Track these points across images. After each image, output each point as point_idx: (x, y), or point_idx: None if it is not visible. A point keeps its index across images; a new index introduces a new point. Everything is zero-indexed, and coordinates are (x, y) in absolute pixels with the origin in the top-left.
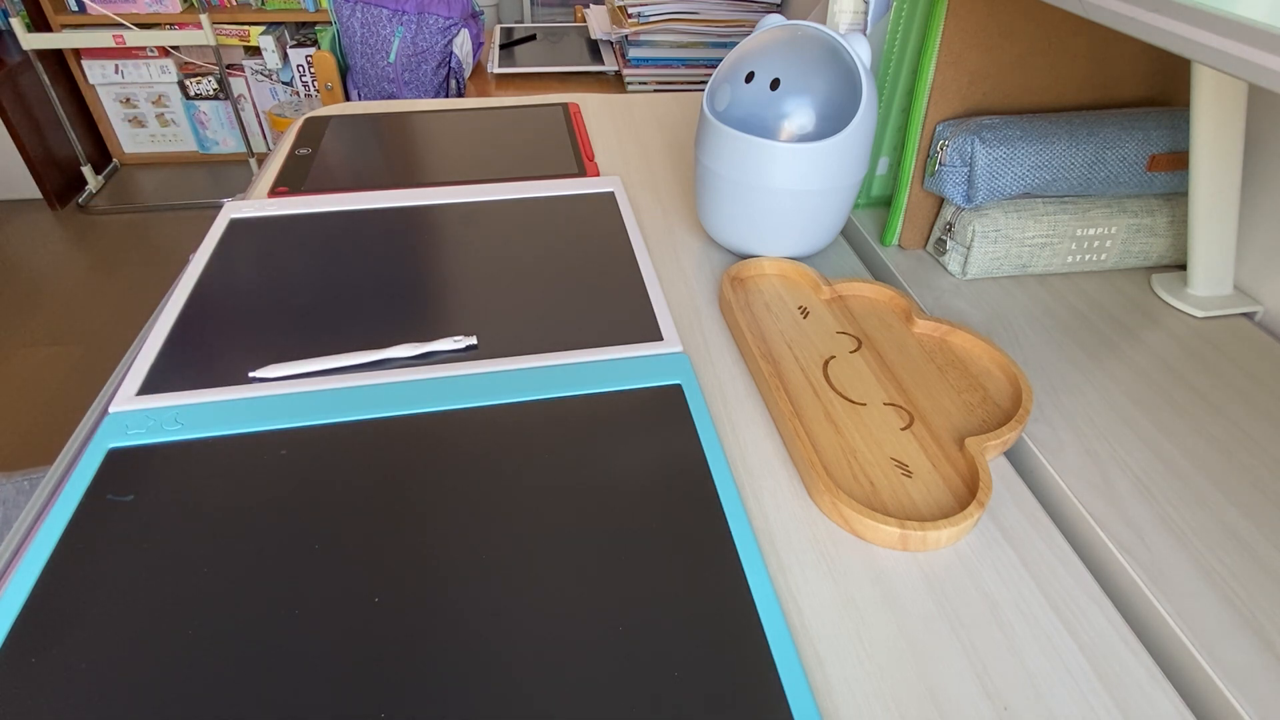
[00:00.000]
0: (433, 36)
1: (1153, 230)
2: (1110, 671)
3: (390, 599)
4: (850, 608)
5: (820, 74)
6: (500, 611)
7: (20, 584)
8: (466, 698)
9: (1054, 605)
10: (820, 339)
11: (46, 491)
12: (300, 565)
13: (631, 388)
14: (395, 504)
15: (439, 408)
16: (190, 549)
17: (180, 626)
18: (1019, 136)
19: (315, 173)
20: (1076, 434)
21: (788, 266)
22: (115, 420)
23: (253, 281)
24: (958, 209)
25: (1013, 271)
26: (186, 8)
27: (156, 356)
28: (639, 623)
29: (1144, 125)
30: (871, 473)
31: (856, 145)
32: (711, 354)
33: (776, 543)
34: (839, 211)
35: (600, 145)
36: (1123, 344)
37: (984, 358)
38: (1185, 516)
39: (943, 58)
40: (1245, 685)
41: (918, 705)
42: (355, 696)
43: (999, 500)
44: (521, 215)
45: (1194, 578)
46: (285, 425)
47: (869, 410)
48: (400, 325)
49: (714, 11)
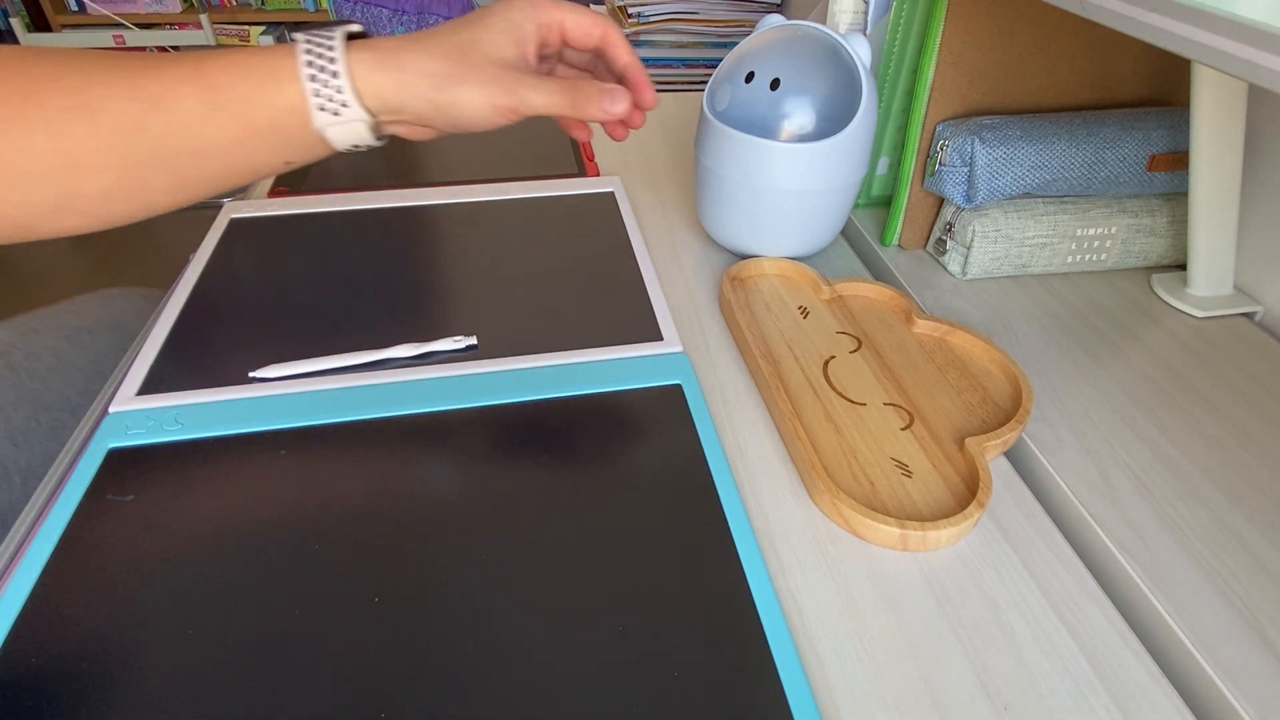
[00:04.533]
0: None
1: (1153, 230)
2: (1110, 671)
3: (390, 599)
4: (850, 608)
5: (820, 74)
6: (500, 611)
7: (20, 584)
8: (466, 697)
9: (1054, 605)
10: (820, 339)
11: (46, 491)
12: (300, 565)
13: (631, 388)
14: (395, 504)
15: (439, 408)
16: (190, 549)
17: (180, 626)
18: (1019, 136)
19: (315, 173)
20: (1076, 434)
21: (788, 266)
22: (115, 420)
23: (253, 281)
24: (958, 209)
25: (1013, 271)
26: (186, 8)
27: (157, 356)
28: (639, 622)
29: (1144, 125)
30: (871, 473)
31: (856, 145)
32: (711, 354)
33: (776, 543)
34: (839, 211)
35: (600, 145)
36: (1123, 344)
37: (984, 358)
38: (1185, 516)
39: (943, 58)
40: (1245, 685)
41: (918, 705)
42: (355, 696)
43: (999, 500)
44: (521, 215)
45: (1194, 578)
46: (285, 425)
47: (869, 410)
48: (400, 325)
49: (714, 11)
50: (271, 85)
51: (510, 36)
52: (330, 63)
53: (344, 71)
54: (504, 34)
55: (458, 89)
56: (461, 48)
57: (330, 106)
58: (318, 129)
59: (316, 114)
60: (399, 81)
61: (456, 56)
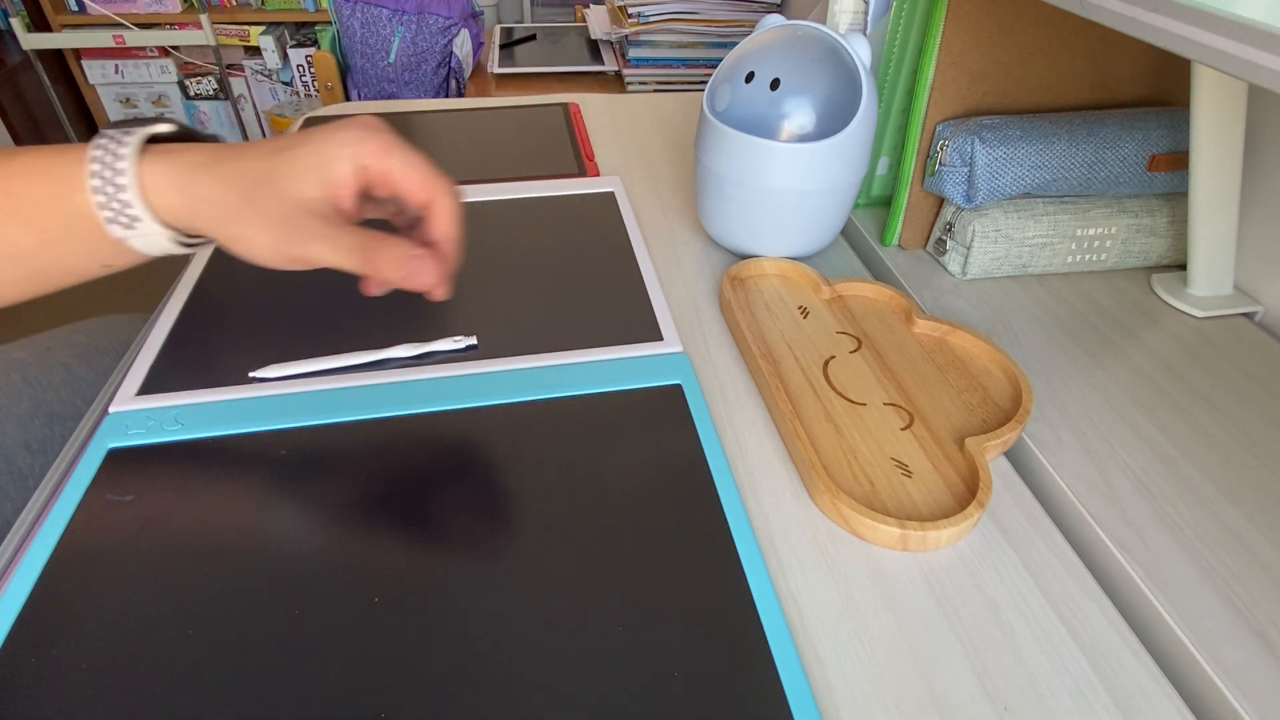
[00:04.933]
0: (433, 36)
1: (1153, 230)
2: (1110, 671)
3: (390, 599)
4: (850, 608)
5: (820, 74)
6: (500, 611)
7: (20, 584)
8: (466, 698)
9: (1054, 605)
10: (820, 339)
11: (46, 491)
12: (300, 565)
13: (631, 388)
14: (395, 504)
15: (439, 408)
16: (190, 549)
17: (180, 626)
18: (1019, 136)
19: None
20: (1076, 434)
21: (788, 266)
22: (115, 420)
23: (253, 281)
24: (958, 209)
25: (1013, 271)
26: (186, 8)
27: (156, 356)
28: (639, 622)
29: (1144, 125)
30: (871, 473)
31: (856, 145)
32: (711, 354)
33: (776, 543)
34: (839, 211)
35: (600, 145)
36: (1123, 344)
37: (984, 358)
38: (1185, 516)
39: (943, 58)
40: (1245, 685)
41: (918, 705)
42: (355, 696)
43: (999, 500)
44: (521, 215)
45: (1194, 578)
46: (285, 425)
47: (869, 410)
48: (400, 325)
49: (714, 11)
50: (62, 191)
51: (317, 175)
52: (117, 174)
53: (131, 185)
54: (312, 171)
55: (240, 228)
56: (256, 180)
57: (120, 220)
58: (118, 239)
59: (108, 225)
60: (187, 205)
61: (247, 190)
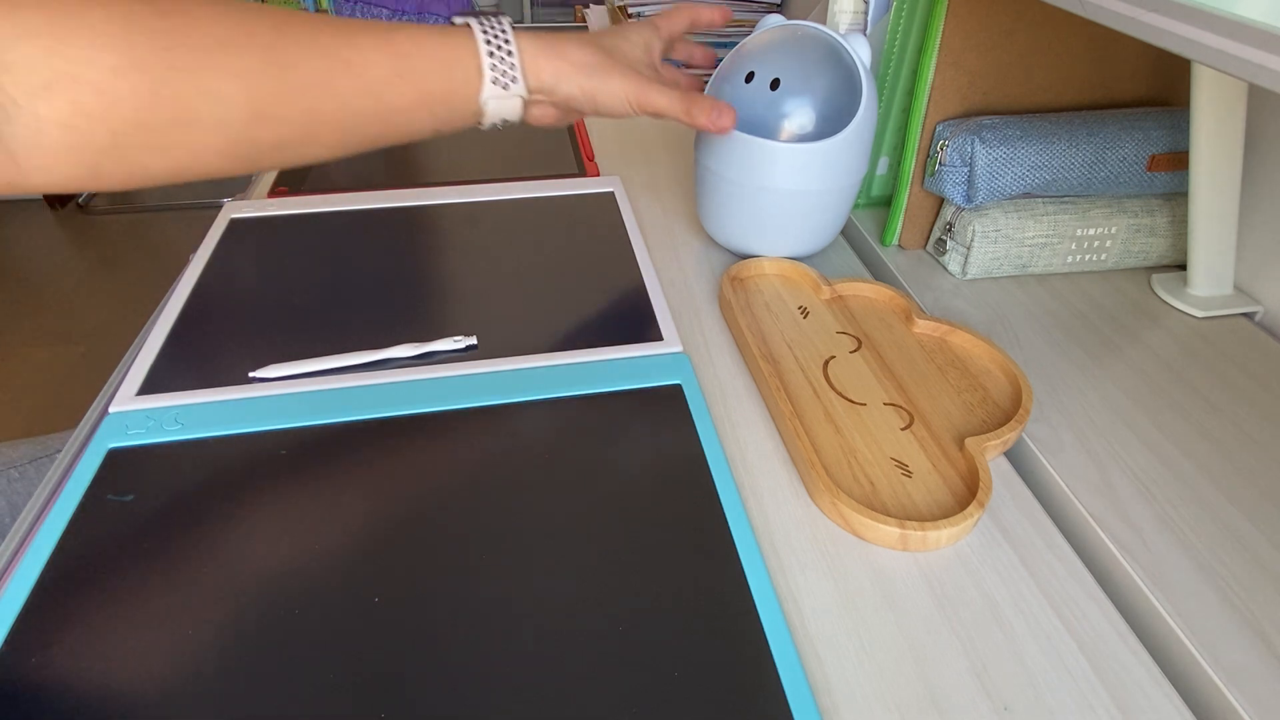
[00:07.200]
0: None
1: (1153, 230)
2: (1110, 671)
3: (390, 599)
4: (850, 608)
5: (820, 74)
6: (500, 611)
7: (20, 584)
8: (466, 697)
9: (1054, 605)
10: (820, 339)
11: (46, 491)
12: (300, 565)
13: (632, 388)
14: (395, 504)
15: (439, 408)
16: (190, 549)
17: (180, 626)
18: (1019, 136)
19: (315, 173)
20: (1076, 434)
21: (788, 266)
22: (115, 420)
23: (253, 281)
24: (958, 209)
25: (1013, 271)
26: None
27: (157, 356)
28: (639, 622)
29: (1144, 125)
30: (871, 473)
31: (856, 145)
32: (711, 354)
33: (776, 543)
34: (839, 211)
35: (600, 145)
36: (1123, 344)
37: (984, 358)
38: (1185, 516)
39: (943, 58)
40: (1245, 685)
41: (918, 705)
42: (355, 696)
43: (999, 500)
44: (521, 215)
45: (1194, 578)
46: (285, 425)
47: (869, 410)
48: (400, 325)
49: None
50: (453, 57)
51: (643, 49)
52: (506, 42)
53: (517, 50)
54: (639, 46)
55: (605, 78)
56: (607, 49)
57: (502, 81)
58: (483, 101)
59: (489, 86)
60: (558, 67)
61: (604, 54)
